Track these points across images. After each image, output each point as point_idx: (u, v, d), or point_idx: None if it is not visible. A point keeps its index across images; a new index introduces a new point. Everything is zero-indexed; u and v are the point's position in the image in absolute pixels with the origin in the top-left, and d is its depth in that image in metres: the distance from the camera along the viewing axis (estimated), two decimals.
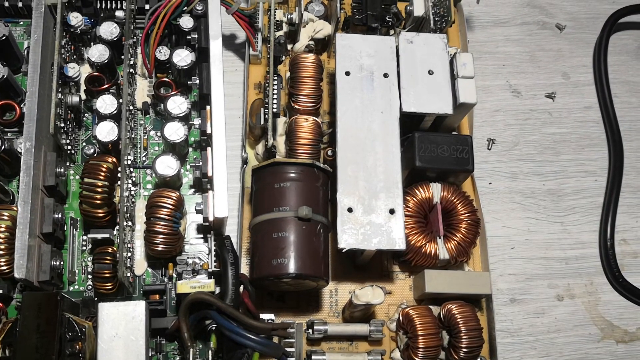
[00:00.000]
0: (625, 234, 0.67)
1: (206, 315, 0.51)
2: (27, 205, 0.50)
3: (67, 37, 0.60)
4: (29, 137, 0.52)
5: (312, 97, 0.59)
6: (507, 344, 0.62)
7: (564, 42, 0.75)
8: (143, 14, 0.63)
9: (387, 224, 0.53)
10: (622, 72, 0.74)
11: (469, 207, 0.58)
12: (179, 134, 0.58)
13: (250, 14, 0.63)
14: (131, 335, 0.50)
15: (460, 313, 0.54)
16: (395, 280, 0.60)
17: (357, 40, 0.59)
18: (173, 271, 0.57)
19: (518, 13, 0.76)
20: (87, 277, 0.57)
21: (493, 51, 0.73)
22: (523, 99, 0.72)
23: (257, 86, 0.65)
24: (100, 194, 0.54)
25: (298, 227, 0.53)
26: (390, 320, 0.58)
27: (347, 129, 0.56)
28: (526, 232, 0.66)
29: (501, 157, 0.69)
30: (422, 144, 0.57)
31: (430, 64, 0.59)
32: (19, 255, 0.49)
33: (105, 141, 0.57)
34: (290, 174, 0.55)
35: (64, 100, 0.58)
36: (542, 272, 0.65)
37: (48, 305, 0.48)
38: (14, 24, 0.64)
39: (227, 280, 0.52)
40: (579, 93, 0.72)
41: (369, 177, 0.54)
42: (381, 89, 0.58)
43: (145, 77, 0.63)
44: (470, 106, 0.58)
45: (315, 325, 0.56)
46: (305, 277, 0.53)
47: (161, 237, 0.54)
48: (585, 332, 0.63)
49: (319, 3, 0.67)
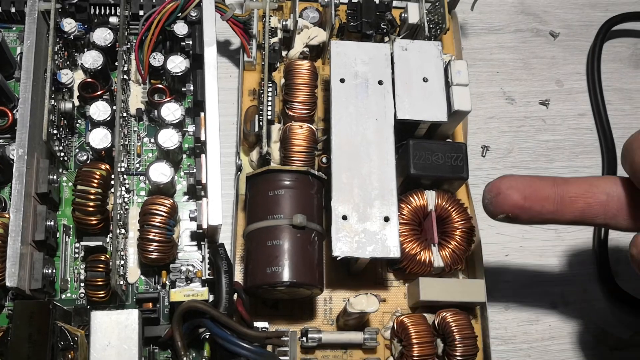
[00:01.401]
0: (618, 241, 0.67)
1: (200, 323, 0.50)
2: (19, 212, 0.50)
3: (61, 43, 0.60)
4: (22, 144, 0.52)
5: (306, 104, 0.59)
6: (502, 352, 0.62)
7: (557, 49, 0.75)
8: (137, 20, 0.63)
9: (381, 232, 0.53)
10: (615, 79, 0.74)
11: (464, 214, 0.59)
12: (172, 140, 0.57)
13: (245, 20, 0.63)
14: (124, 344, 0.49)
15: (455, 321, 0.54)
16: (390, 288, 0.60)
17: (351, 47, 0.59)
18: (166, 279, 0.57)
19: (512, 20, 0.76)
20: (80, 285, 0.56)
21: (487, 58, 0.74)
22: (517, 106, 0.72)
23: (251, 93, 0.65)
24: (93, 201, 0.54)
25: (292, 235, 0.53)
26: (385, 328, 0.58)
27: (341, 136, 0.56)
28: (520, 240, 0.66)
29: (495, 164, 0.69)
30: (416, 151, 0.57)
31: (425, 71, 0.59)
32: (11, 263, 0.49)
33: (98, 148, 0.57)
34: (284, 181, 0.54)
35: (57, 106, 0.57)
36: (536, 280, 0.65)
37: (40, 313, 0.48)
38: (7, 30, 0.64)
39: (221, 288, 0.51)
40: (573, 100, 0.73)
41: (364, 185, 0.54)
42: (376, 96, 0.58)
43: (139, 84, 0.63)
44: (465, 113, 0.58)
45: (309, 333, 0.56)
46: (299, 285, 0.52)
47: (154, 244, 0.54)
48: (579, 339, 0.63)
49: (313, 10, 0.67)
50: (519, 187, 0.42)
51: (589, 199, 0.42)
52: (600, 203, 0.42)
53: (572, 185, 0.43)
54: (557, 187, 0.42)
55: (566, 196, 0.42)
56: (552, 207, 0.42)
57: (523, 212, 0.42)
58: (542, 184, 0.42)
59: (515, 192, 0.42)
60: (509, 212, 0.42)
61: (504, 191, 0.42)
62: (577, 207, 0.42)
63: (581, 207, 0.42)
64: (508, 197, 0.42)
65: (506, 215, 0.42)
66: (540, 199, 0.42)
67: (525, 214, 0.42)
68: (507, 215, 0.42)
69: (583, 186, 0.42)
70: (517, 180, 0.42)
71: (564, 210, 0.42)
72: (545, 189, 0.42)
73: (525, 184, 0.42)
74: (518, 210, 0.42)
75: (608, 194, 0.42)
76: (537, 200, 0.42)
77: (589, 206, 0.42)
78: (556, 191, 0.42)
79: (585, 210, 0.42)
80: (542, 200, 0.42)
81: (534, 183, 0.42)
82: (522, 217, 0.42)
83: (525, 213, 0.42)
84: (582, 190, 0.42)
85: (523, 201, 0.42)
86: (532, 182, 0.42)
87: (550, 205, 0.42)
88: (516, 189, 0.42)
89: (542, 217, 0.42)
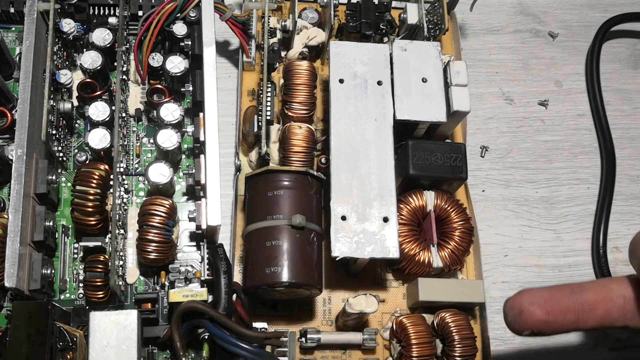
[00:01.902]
0: (617, 242, 0.67)
1: (199, 324, 0.50)
2: (18, 213, 0.50)
3: (60, 43, 0.60)
4: (21, 144, 0.52)
5: (305, 104, 0.59)
6: (500, 352, 0.62)
7: (556, 50, 0.75)
8: (136, 20, 0.63)
9: (380, 232, 0.53)
10: (614, 79, 0.74)
11: (463, 214, 0.59)
12: (172, 141, 0.57)
13: (244, 20, 0.63)
14: (123, 345, 0.49)
15: (454, 321, 0.54)
16: (389, 288, 0.60)
17: (350, 48, 0.59)
18: (165, 279, 0.56)
19: (511, 21, 0.76)
20: (79, 286, 0.56)
21: (486, 59, 0.74)
22: (516, 106, 0.72)
23: (250, 93, 0.65)
24: (92, 202, 0.54)
25: (291, 236, 0.53)
26: (384, 328, 0.58)
27: (340, 136, 0.56)
28: (519, 240, 0.66)
29: (494, 164, 0.69)
30: (415, 151, 0.57)
31: (424, 72, 0.59)
32: (10, 263, 0.49)
33: (97, 148, 0.57)
34: (283, 181, 0.54)
35: (56, 107, 0.57)
36: (535, 280, 0.65)
37: (39, 314, 0.48)
38: (6, 30, 0.64)
39: (220, 288, 0.51)
40: (572, 101, 0.73)
41: (363, 185, 0.54)
42: (375, 96, 0.58)
43: (138, 84, 0.63)
44: (464, 114, 0.58)
45: (308, 333, 0.56)
46: (298, 286, 0.52)
47: (153, 245, 0.54)
48: (578, 339, 0.63)
49: (312, 10, 0.67)
50: (541, 303, 0.42)
51: (608, 304, 0.42)
52: (618, 307, 0.42)
53: (589, 292, 0.43)
54: (576, 296, 0.43)
55: (585, 304, 0.42)
56: (574, 318, 0.42)
57: (547, 326, 0.42)
58: (561, 295, 0.43)
59: (537, 308, 0.42)
60: (533, 328, 0.42)
61: (526, 308, 0.42)
62: (597, 314, 0.42)
63: (601, 314, 0.42)
64: (532, 315, 0.42)
65: (531, 332, 0.42)
66: (562, 312, 0.42)
67: (549, 328, 0.42)
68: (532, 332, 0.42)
69: (600, 292, 0.43)
70: (537, 295, 0.43)
71: (585, 319, 0.42)
72: (564, 299, 0.43)
73: (546, 298, 0.42)
74: (542, 326, 0.42)
75: (625, 297, 0.43)
76: (559, 313, 0.42)
77: (608, 312, 0.42)
78: (575, 300, 0.42)
79: (605, 317, 0.42)
80: (563, 312, 0.42)
81: (554, 295, 0.43)
82: (547, 331, 0.43)
83: (549, 327, 0.42)
84: (600, 297, 0.43)
85: (546, 316, 0.42)
86: (552, 294, 0.43)
87: (572, 316, 0.42)
88: (538, 305, 0.42)
89: (565, 328, 0.43)
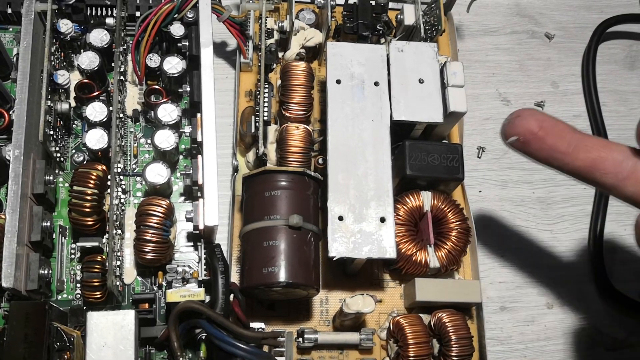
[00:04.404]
0: (613, 242, 0.67)
1: (196, 324, 0.50)
2: (15, 213, 0.50)
3: (57, 44, 0.60)
4: (18, 145, 0.52)
5: (302, 105, 0.59)
6: (497, 352, 0.62)
7: (553, 51, 0.75)
8: (134, 21, 0.63)
9: (377, 233, 0.53)
10: (610, 81, 0.74)
11: (460, 215, 0.59)
12: (169, 141, 0.58)
13: (242, 21, 0.63)
14: (120, 345, 0.49)
15: (451, 321, 0.55)
16: (386, 288, 0.60)
17: (348, 49, 0.59)
18: (163, 280, 0.57)
19: (508, 22, 0.76)
20: (76, 286, 0.56)
21: (483, 60, 0.74)
22: (513, 107, 0.72)
23: (247, 94, 0.65)
24: (90, 202, 0.54)
25: (289, 236, 0.53)
26: (381, 328, 0.58)
27: (337, 137, 0.56)
28: (516, 240, 0.66)
29: (491, 165, 0.69)
30: (412, 152, 0.57)
31: (421, 73, 0.59)
32: (7, 263, 0.49)
33: (95, 149, 0.57)
34: (281, 182, 0.54)
35: (53, 107, 0.57)
36: (532, 280, 0.65)
37: (36, 314, 0.48)
38: (3, 31, 0.64)
39: (217, 288, 0.52)
40: (568, 102, 0.73)
41: (360, 186, 0.55)
42: (372, 97, 0.58)
43: (135, 85, 0.63)
44: (461, 115, 0.59)
45: (305, 334, 0.56)
46: (295, 286, 0.52)
47: (151, 245, 0.54)
48: (574, 339, 0.63)
49: (310, 11, 0.67)
50: (539, 118, 0.43)
51: (604, 153, 0.42)
52: (614, 160, 0.42)
53: (591, 138, 0.43)
54: (576, 134, 0.43)
55: (582, 143, 0.42)
56: (565, 148, 0.42)
57: (535, 140, 0.42)
58: (564, 126, 0.43)
59: (534, 120, 0.43)
60: (521, 135, 0.42)
61: (524, 115, 0.43)
62: (590, 155, 0.42)
63: (594, 157, 0.42)
64: (525, 121, 0.42)
65: (517, 139, 0.42)
66: (555, 135, 0.42)
67: (536, 143, 0.42)
68: (519, 139, 0.42)
69: (601, 142, 0.43)
70: (539, 113, 0.43)
71: (576, 154, 0.42)
72: (564, 130, 0.43)
73: (547, 118, 0.43)
74: (531, 137, 0.42)
75: (624, 156, 0.42)
76: (552, 135, 0.42)
77: (602, 159, 0.42)
78: (574, 136, 0.42)
79: (597, 162, 0.42)
80: (557, 136, 0.42)
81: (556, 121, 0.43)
82: (533, 145, 0.42)
83: (536, 142, 0.42)
84: (600, 144, 0.42)
85: (538, 129, 0.42)
86: (555, 120, 0.43)
87: (564, 145, 0.42)
88: (536, 118, 0.43)
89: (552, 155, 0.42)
